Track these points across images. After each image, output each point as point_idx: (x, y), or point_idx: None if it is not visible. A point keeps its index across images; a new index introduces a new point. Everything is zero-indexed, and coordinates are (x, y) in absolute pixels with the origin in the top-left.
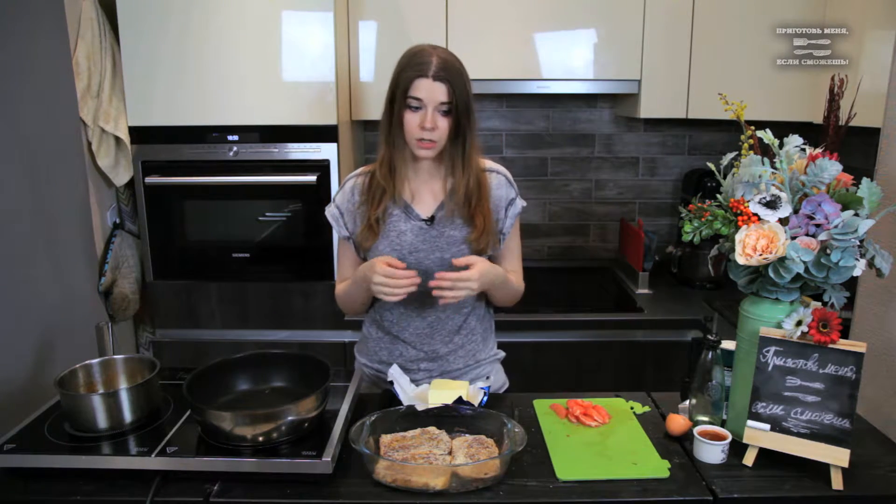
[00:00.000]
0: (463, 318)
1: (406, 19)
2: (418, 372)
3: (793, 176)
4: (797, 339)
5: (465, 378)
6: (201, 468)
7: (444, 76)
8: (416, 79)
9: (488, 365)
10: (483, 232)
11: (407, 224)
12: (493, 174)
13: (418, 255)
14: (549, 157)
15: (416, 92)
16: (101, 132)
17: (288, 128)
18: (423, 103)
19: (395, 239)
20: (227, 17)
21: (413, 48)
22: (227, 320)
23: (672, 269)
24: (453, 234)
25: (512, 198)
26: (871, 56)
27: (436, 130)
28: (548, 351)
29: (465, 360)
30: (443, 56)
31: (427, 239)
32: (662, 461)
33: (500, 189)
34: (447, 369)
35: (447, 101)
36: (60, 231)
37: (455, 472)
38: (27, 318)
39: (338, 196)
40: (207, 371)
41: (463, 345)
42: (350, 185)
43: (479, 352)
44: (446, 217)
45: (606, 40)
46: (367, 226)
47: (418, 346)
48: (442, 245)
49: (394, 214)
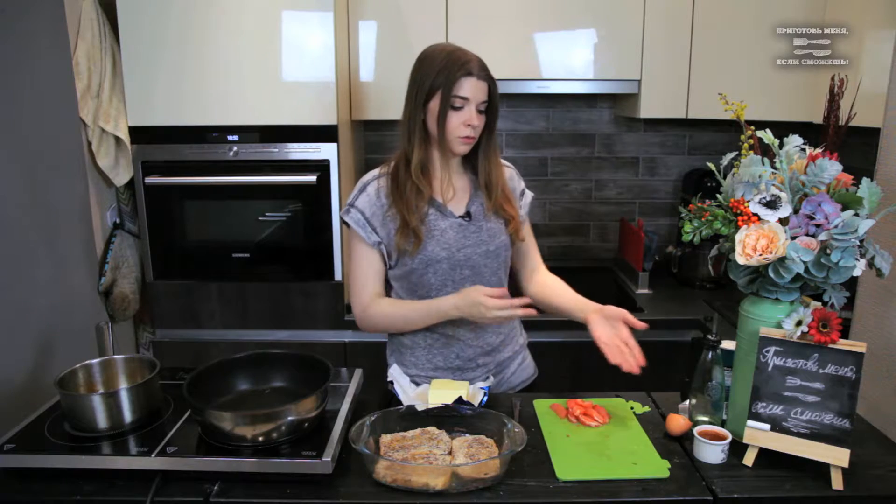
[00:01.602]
0: None
1: (406, 19)
2: (476, 369)
3: (793, 176)
4: (797, 339)
5: (514, 366)
6: (201, 468)
7: (486, 75)
8: (463, 78)
9: (525, 350)
10: (515, 219)
11: (445, 222)
12: (504, 168)
13: (466, 251)
14: (549, 157)
15: (463, 91)
16: (101, 132)
17: (288, 128)
18: (467, 102)
19: (439, 238)
20: (227, 17)
21: (440, 48)
22: (227, 320)
23: (672, 269)
24: (492, 227)
25: (522, 188)
26: (871, 56)
27: (477, 127)
28: (548, 351)
29: (511, 348)
30: (475, 56)
31: (468, 234)
32: (662, 461)
33: (513, 181)
34: (500, 359)
35: (486, 99)
36: (60, 231)
37: (455, 472)
38: (27, 318)
39: (359, 200)
40: (207, 371)
41: (509, 332)
42: (374, 188)
43: (518, 336)
44: (481, 211)
45: (606, 40)
46: (406, 230)
47: (474, 343)
48: (484, 238)
49: (430, 214)
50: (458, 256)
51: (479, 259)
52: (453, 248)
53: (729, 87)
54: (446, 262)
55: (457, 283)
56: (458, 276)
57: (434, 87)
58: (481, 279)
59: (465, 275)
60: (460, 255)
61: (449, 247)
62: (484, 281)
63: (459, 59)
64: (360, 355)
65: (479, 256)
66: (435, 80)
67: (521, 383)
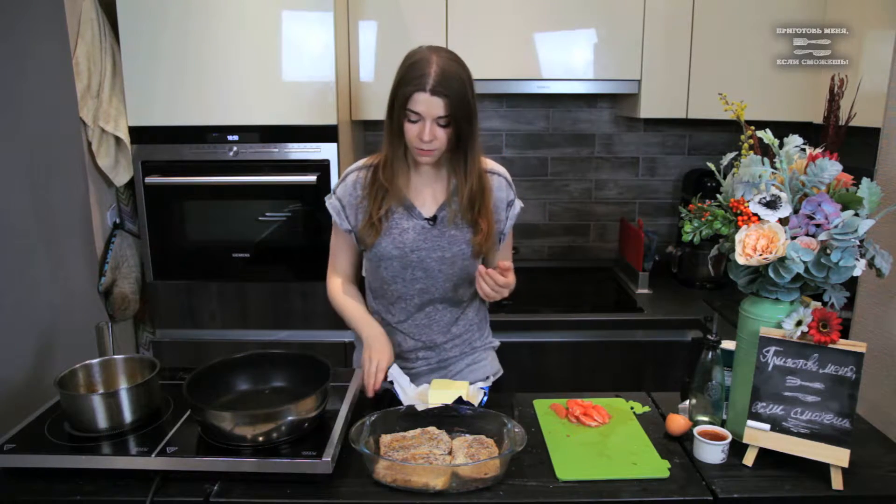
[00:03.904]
0: (461, 310)
1: (406, 19)
2: (416, 361)
3: (793, 176)
4: (797, 339)
5: (461, 364)
6: (201, 468)
7: (442, 90)
8: (414, 93)
9: (483, 352)
10: (487, 234)
11: (409, 222)
12: (495, 176)
13: (420, 253)
14: (549, 157)
15: (415, 106)
16: (101, 132)
17: (288, 128)
18: (421, 116)
19: (397, 237)
20: (227, 17)
21: (413, 54)
22: (227, 320)
23: (672, 269)
24: (455, 234)
25: (511, 199)
26: (871, 56)
27: (434, 141)
28: (548, 351)
29: (461, 349)
30: (442, 65)
31: (429, 238)
32: (662, 461)
33: (501, 191)
34: (444, 357)
35: (445, 114)
36: (60, 231)
37: (455, 472)
38: (27, 318)
39: (339, 188)
40: (207, 371)
41: (460, 335)
42: (352, 179)
43: (474, 340)
44: (449, 217)
45: (606, 40)
46: (369, 223)
47: (416, 337)
48: (444, 244)
49: (396, 212)
50: (411, 257)
51: (432, 263)
52: (407, 249)
53: (729, 87)
54: (397, 261)
55: (407, 282)
56: (410, 276)
57: (393, 98)
58: (434, 283)
59: (416, 275)
60: (413, 256)
61: (403, 247)
62: (437, 285)
63: (416, 72)
64: None
65: (433, 261)
66: (394, 91)
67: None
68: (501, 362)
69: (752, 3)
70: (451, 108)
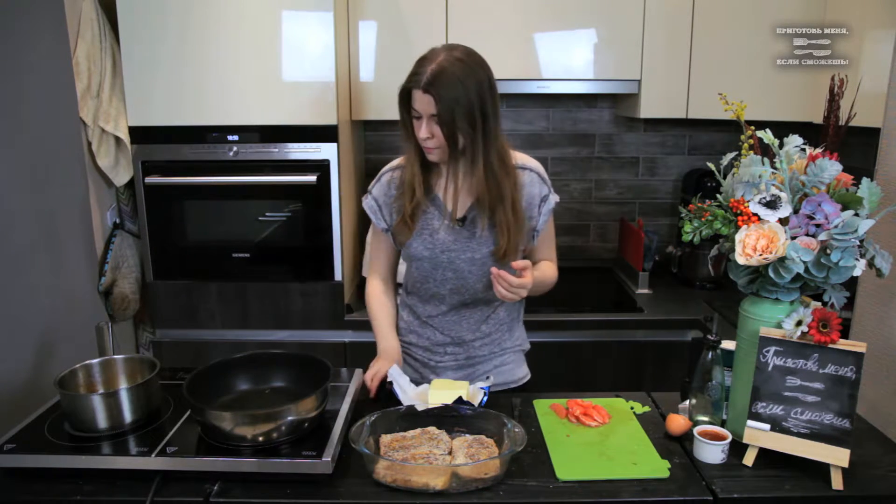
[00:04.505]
0: (492, 309)
1: (406, 19)
2: (444, 355)
3: (793, 176)
4: (797, 339)
5: (489, 365)
6: (201, 468)
7: (432, 89)
8: (412, 90)
9: (512, 354)
10: (508, 234)
11: (440, 222)
12: (526, 172)
13: (450, 253)
14: (549, 157)
15: (413, 103)
16: (101, 132)
17: (288, 128)
18: (419, 113)
19: (428, 237)
20: (227, 17)
21: (428, 51)
22: (227, 320)
23: (672, 269)
24: (486, 235)
25: (545, 194)
26: (871, 56)
27: (433, 139)
28: (548, 351)
29: (490, 349)
30: (443, 64)
31: (459, 238)
32: (662, 461)
33: (534, 187)
34: (472, 355)
35: (436, 112)
36: (60, 231)
37: (455, 472)
38: (27, 318)
39: (375, 188)
40: (207, 371)
41: (489, 333)
42: (387, 179)
43: (504, 340)
44: (479, 218)
45: (606, 40)
46: (402, 221)
47: (446, 332)
48: (473, 245)
49: (428, 212)
50: (441, 258)
51: (462, 265)
52: (437, 250)
53: (729, 87)
54: (428, 262)
55: (438, 283)
56: (441, 277)
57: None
58: (464, 283)
59: (447, 276)
60: (443, 257)
61: (433, 247)
62: (467, 285)
63: (416, 69)
64: (359, 355)
65: (463, 262)
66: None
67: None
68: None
69: (752, 3)
70: (439, 106)
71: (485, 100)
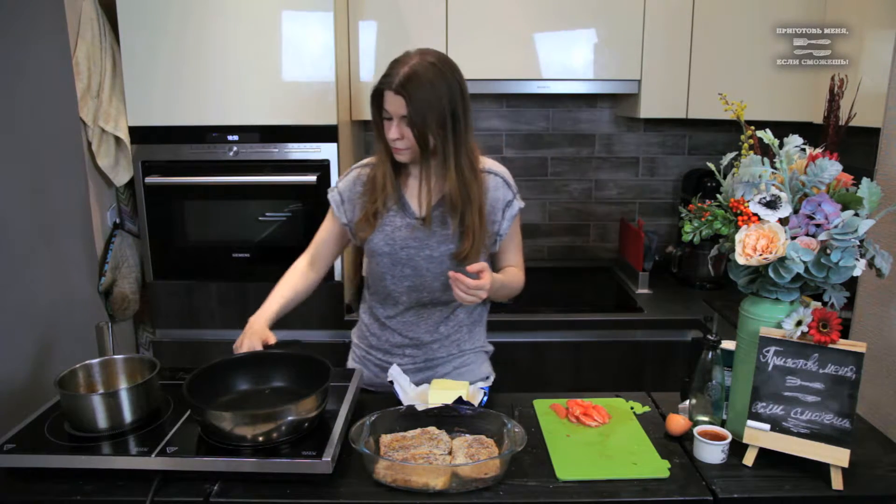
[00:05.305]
0: (451, 310)
1: (406, 19)
2: (403, 357)
3: (793, 176)
4: (797, 339)
5: (449, 367)
6: (201, 468)
7: (403, 91)
8: (384, 91)
9: (472, 355)
10: (472, 237)
11: (402, 220)
12: (491, 176)
13: (409, 251)
14: (549, 157)
15: (384, 103)
16: (101, 132)
17: (288, 128)
18: (389, 114)
19: (389, 234)
20: (227, 17)
21: (402, 55)
22: (227, 320)
23: (672, 269)
24: (444, 234)
25: (509, 199)
26: (871, 56)
27: (402, 140)
28: (548, 351)
29: (448, 350)
30: (415, 67)
31: (419, 237)
32: (662, 461)
33: (498, 191)
34: (431, 357)
35: (406, 114)
36: (60, 231)
37: (455, 472)
38: (27, 318)
39: (341, 182)
40: (207, 371)
41: (448, 335)
42: (354, 175)
43: (463, 342)
44: (439, 217)
45: (606, 40)
46: (364, 218)
47: (403, 333)
48: (432, 244)
49: (391, 210)
50: (401, 255)
51: (421, 262)
52: (397, 246)
53: (729, 87)
54: (388, 257)
55: (397, 279)
56: (399, 273)
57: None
58: (422, 281)
59: (405, 273)
60: (403, 253)
61: (393, 244)
62: (425, 283)
63: (389, 71)
64: None
65: (421, 259)
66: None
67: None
68: (502, 362)
69: (752, 3)
70: (410, 108)
71: (456, 103)
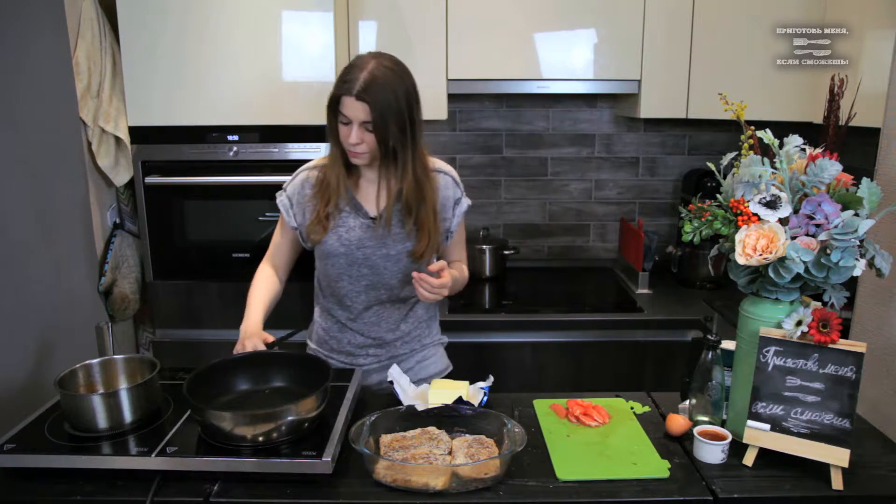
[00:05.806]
0: (409, 307)
1: (406, 19)
2: (367, 357)
3: (793, 176)
4: (797, 339)
5: (412, 361)
6: (201, 468)
7: (366, 96)
8: (342, 96)
9: (432, 348)
10: (428, 234)
11: (356, 221)
12: (441, 175)
13: (365, 250)
14: (549, 157)
15: (343, 109)
16: (101, 132)
17: (288, 128)
18: (348, 119)
19: (343, 234)
20: (227, 17)
21: (355, 59)
22: (227, 320)
23: (672, 269)
24: (399, 233)
25: (458, 198)
26: (871, 56)
27: (361, 144)
28: (548, 351)
29: (410, 346)
30: (374, 72)
31: (374, 236)
32: (662, 461)
33: (448, 190)
34: (394, 354)
35: (368, 119)
36: (60, 231)
37: (455, 472)
38: (27, 318)
39: (289, 186)
40: (207, 371)
41: (409, 332)
42: (302, 178)
43: (424, 337)
44: (392, 216)
45: (606, 40)
46: (316, 220)
47: (366, 334)
48: (388, 242)
49: (344, 211)
50: (357, 255)
51: (378, 260)
52: (353, 246)
53: (729, 87)
54: (343, 258)
55: (354, 279)
56: (356, 273)
57: (328, 100)
58: (380, 279)
59: (363, 272)
60: (359, 253)
61: (349, 244)
62: (383, 282)
63: (346, 76)
64: None
65: (378, 258)
66: (331, 94)
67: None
68: (504, 362)
69: (752, 3)
70: (374, 113)
71: (412, 106)
